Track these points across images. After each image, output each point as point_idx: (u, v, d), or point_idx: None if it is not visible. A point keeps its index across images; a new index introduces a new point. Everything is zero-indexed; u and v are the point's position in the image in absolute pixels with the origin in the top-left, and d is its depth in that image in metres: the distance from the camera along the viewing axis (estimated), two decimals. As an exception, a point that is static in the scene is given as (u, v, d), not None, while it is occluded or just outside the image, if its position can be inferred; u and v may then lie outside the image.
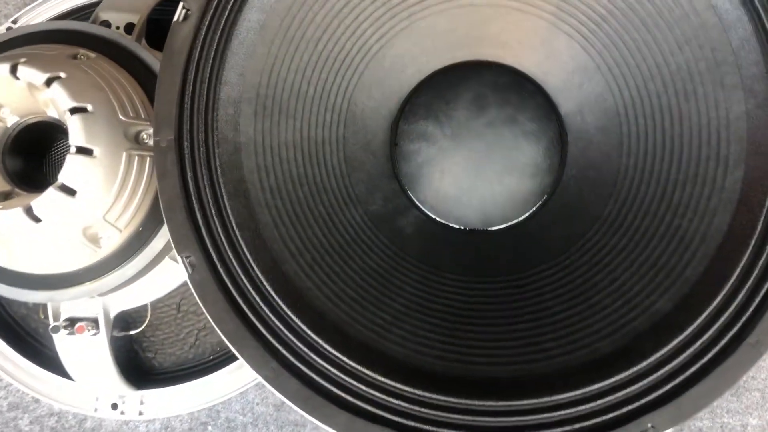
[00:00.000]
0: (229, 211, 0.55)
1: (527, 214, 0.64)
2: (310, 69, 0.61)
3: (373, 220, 0.62)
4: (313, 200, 0.60)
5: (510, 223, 0.64)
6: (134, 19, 0.73)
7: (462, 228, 0.65)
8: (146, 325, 0.76)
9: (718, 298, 0.52)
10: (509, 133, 0.64)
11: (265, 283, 0.54)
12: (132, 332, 0.74)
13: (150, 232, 0.63)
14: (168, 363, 0.80)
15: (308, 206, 0.59)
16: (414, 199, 0.65)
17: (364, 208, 0.62)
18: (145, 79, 0.64)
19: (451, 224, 0.65)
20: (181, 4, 0.57)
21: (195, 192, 0.55)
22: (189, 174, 0.55)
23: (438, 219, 0.65)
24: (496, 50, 0.65)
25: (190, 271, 0.54)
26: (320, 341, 0.52)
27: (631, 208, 0.60)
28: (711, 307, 0.52)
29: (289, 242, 0.57)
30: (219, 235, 0.54)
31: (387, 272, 0.60)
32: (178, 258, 0.54)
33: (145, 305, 0.73)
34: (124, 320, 0.75)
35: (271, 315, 0.53)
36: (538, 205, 0.64)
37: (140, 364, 0.80)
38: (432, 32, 0.64)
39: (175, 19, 0.57)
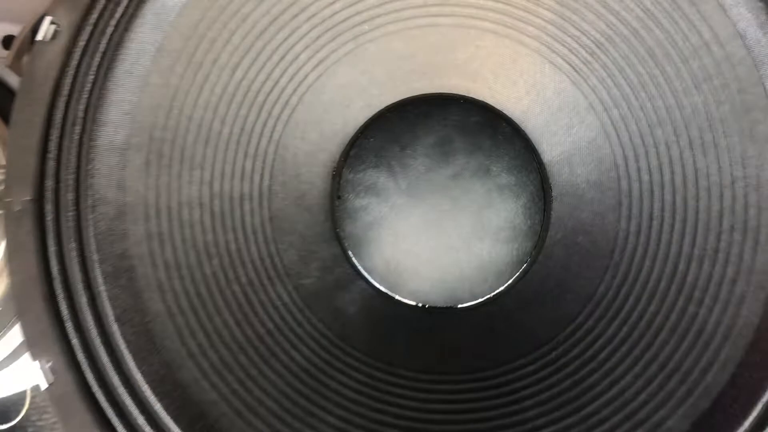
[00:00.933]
0: (105, 298, 0.41)
1: (501, 289, 0.51)
2: (224, 104, 0.47)
3: (306, 298, 0.48)
4: (225, 277, 0.46)
5: (480, 300, 0.51)
6: (14, 30, 0.59)
7: (420, 305, 0.51)
8: (27, 411, 0.61)
9: (750, 418, 0.40)
10: (480, 188, 0.51)
11: (151, 398, 0.40)
12: (7, 425, 0.59)
13: (11, 315, 0.48)
14: (62, 451, 0.65)
15: (217, 285, 0.45)
16: (359, 267, 0.52)
17: (294, 282, 0.49)
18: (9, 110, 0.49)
19: (405, 300, 0.51)
20: (47, 19, 0.42)
21: (59, 273, 0.41)
22: (52, 248, 0.41)
23: (390, 293, 0.51)
24: (464, 81, 0.52)
25: (49, 382, 0.40)
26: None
27: (633, 287, 0.48)
28: (742, 429, 0.40)
29: (189, 338, 0.43)
30: (90, 332, 0.40)
31: (322, 372, 0.46)
32: (35, 363, 0.40)
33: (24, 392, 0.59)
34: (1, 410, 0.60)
35: (159, 442, 0.39)
36: (515, 277, 0.51)
37: (26, 454, 0.65)
38: (384, 58, 0.51)
39: (38, 37, 0.42)
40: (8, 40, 0.58)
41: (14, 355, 0.51)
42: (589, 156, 0.51)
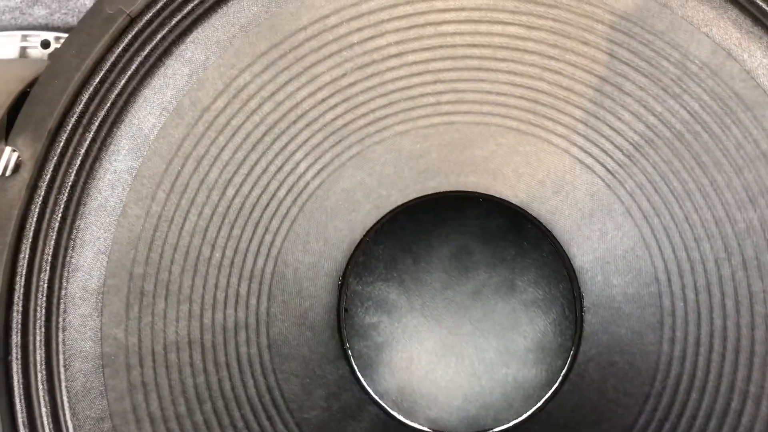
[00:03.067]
0: (82, 469, 0.36)
1: (529, 413, 0.46)
2: (214, 226, 0.42)
3: (311, 435, 0.43)
4: (218, 423, 0.41)
5: (505, 426, 0.46)
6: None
7: (437, 433, 0.46)
8: None
9: None
10: (504, 307, 0.45)
11: None
12: None
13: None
14: None
15: (210, 436, 0.40)
16: (370, 390, 0.46)
17: (297, 418, 0.44)
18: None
19: (423, 428, 0.46)
20: (7, 149, 0.37)
21: (30, 443, 0.36)
22: (20, 415, 0.36)
23: (405, 420, 0.46)
24: (483, 179, 0.46)
25: None
26: None
27: (678, 423, 0.42)
28: None
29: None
30: None
31: None
32: None
33: None
34: None
35: None
36: (544, 399, 0.46)
37: None
38: (394, 157, 0.45)
39: (-1, 170, 0.37)
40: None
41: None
42: (627, 266, 0.45)
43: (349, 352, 0.47)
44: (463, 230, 0.46)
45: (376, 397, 0.47)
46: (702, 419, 0.42)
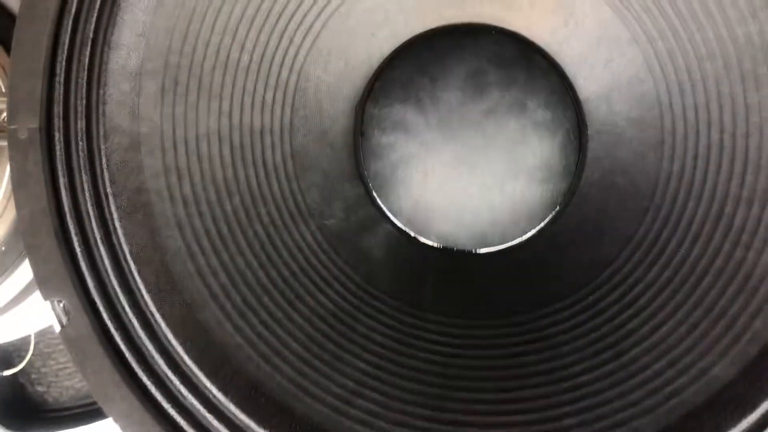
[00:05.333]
0: (121, 234, 0.38)
1: (534, 232, 0.49)
2: (243, 28, 0.43)
3: (331, 239, 0.46)
4: (246, 215, 0.43)
5: (511, 243, 0.49)
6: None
7: (448, 248, 0.49)
8: (31, 357, 0.58)
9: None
10: (515, 124, 0.48)
11: (173, 340, 0.38)
12: (10, 371, 0.57)
13: (17, 253, 0.45)
14: (65, 398, 0.63)
15: (239, 224, 0.42)
16: (385, 209, 0.49)
17: (317, 222, 0.46)
18: (9, 35, 0.45)
19: (433, 244, 0.49)
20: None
21: (71, 207, 0.38)
22: (62, 180, 0.38)
23: (417, 236, 0.49)
24: (498, 10, 0.49)
25: (63, 323, 0.37)
26: (255, 426, 0.36)
27: (675, 230, 0.45)
28: (792, 376, 0.38)
29: (211, 278, 0.40)
30: (106, 271, 0.38)
31: (349, 315, 0.43)
32: (47, 303, 0.37)
33: (28, 337, 0.56)
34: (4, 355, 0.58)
35: (182, 388, 0.37)
36: (548, 219, 0.49)
37: (27, 401, 0.63)
38: (413, -18, 0.47)
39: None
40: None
41: (18, 299, 0.49)
42: (630, 92, 0.48)
43: (365, 173, 0.49)
44: (478, 54, 0.49)
45: (390, 215, 0.49)
46: (697, 225, 0.45)
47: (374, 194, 0.49)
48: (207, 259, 0.41)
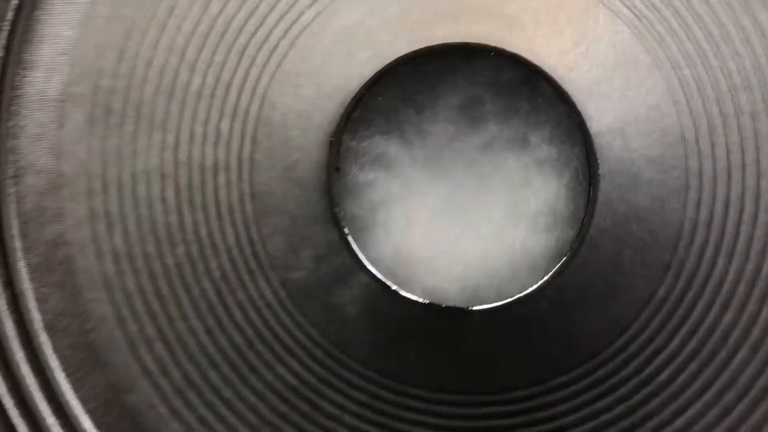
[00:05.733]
0: (31, 299, 0.31)
1: (535, 287, 0.42)
2: (195, 47, 0.36)
3: (296, 296, 0.39)
4: (192, 270, 0.36)
5: (509, 300, 0.42)
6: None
7: (435, 305, 0.42)
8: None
9: None
10: (516, 163, 0.41)
11: (93, 430, 0.31)
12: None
13: None
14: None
15: (183, 281, 0.35)
16: (362, 257, 0.42)
17: (281, 276, 0.39)
18: None
19: (418, 299, 0.42)
20: None
21: (-32, 264, 0.31)
22: (-43, 231, 0.30)
23: (398, 290, 0.42)
24: (497, 29, 0.42)
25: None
26: None
27: (703, 291, 0.39)
28: None
29: (144, 350, 0.33)
30: (9, 345, 0.31)
31: (314, 391, 0.36)
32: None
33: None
34: None
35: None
36: (552, 272, 0.42)
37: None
38: (399, -5, 0.41)
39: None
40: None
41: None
42: (650, 126, 0.41)
43: (340, 215, 0.42)
44: (473, 81, 0.42)
45: (369, 264, 0.42)
46: (729, 286, 0.38)
47: (350, 239, 0.42)
48: (140, 326, 0.34)
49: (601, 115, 0.43)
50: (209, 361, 0.35)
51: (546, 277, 0.42)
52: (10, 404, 0.30)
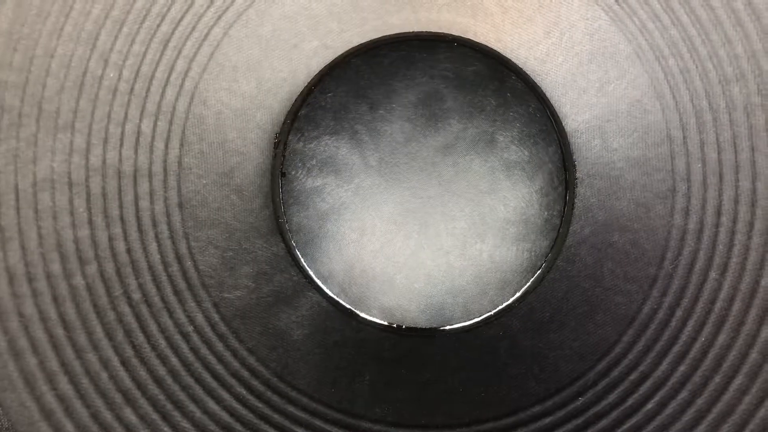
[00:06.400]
0: None
1: (505, 305, 0.37)
2: (108, 34, 0.31)
3: (231, 320, 0.34)
4: (106, 293, 0.31)
5: (477, 320, 0.37)
6: None
7: (394, 326, 0.37)
8: None
9: None
10: (481, 166, 0.37)
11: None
12: None
13: None
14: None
15: (94, 305, 0.30)
16: (310, 272, 0.37)
17: (214, 297, 0.34)
18: None
19: (374, 319, 0.37)
20: None
21: None
22: None
23: (353, 309, 0.37)
24: (460, 17, 0.37)
25: None
26: None
27: (693, 308, 0.34)
28: None
29: (45, 387, 0.28)
30: None
31: (250, 429, 0.31)
32: None
33: None
34: None
35: None
36: (524, 288, 0.37)
37: None
38: (349, -22, 0.36)
39: None
40: None
41: None
42: (631, 124, 0.37)
43: (286, 226, 0.37)
44: (433, 74, 0.37)
45: (318, 281, 0.37)
46: (722, 302, 0.34)
47: (297, 253, 0.37)
48: (41, 359, 0.29)
49: (577, 111, 0.38)
50: (125, 398, 0.30)
51: (517, 294, 0.37)
52: None
